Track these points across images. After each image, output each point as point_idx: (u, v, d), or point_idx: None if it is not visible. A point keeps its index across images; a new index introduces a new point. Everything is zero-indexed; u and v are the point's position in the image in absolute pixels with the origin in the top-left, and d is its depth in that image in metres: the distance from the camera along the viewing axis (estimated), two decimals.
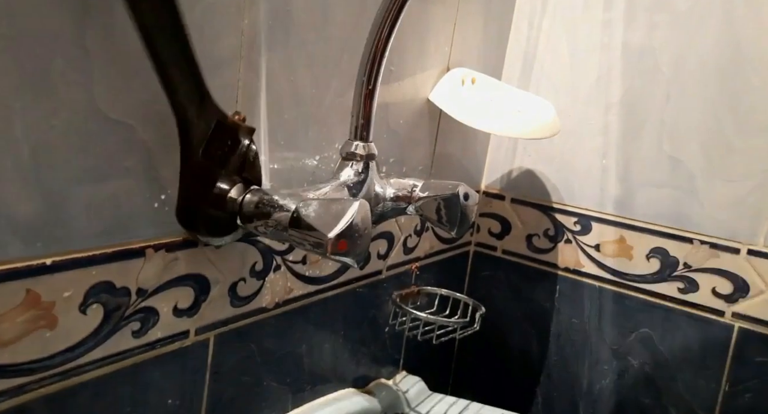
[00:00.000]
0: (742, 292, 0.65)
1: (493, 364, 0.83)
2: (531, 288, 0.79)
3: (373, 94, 0.48)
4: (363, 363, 0.67)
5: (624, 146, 0.71)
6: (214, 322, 0.47)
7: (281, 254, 0.52)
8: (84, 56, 0.35)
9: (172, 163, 0.41)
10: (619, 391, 0.73)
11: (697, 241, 0.67)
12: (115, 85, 0.37)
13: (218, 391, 0.49)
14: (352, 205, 0.39)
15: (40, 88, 0.33)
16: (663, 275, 0.70)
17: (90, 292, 0.38)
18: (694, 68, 0.66)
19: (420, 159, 0.67)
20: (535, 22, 0.76)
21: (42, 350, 0.36)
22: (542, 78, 0.76)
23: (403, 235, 0.68)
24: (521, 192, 0.79)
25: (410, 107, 0.63)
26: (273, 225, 0.41)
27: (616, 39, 0.71)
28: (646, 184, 0.70)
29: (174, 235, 0.42)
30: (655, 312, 0.70)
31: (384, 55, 0.47)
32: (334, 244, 0.38)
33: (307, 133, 0.52)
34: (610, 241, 0.73)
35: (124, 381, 0.42)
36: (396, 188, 0.52)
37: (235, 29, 0.43)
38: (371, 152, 0.48)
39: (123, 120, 0.38)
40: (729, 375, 0.66)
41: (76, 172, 0.36)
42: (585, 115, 0.73)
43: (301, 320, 0.56)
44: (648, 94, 0.69)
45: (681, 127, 0.68)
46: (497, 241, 0.81)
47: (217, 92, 0.43)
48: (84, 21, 0.34)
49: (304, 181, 0.52)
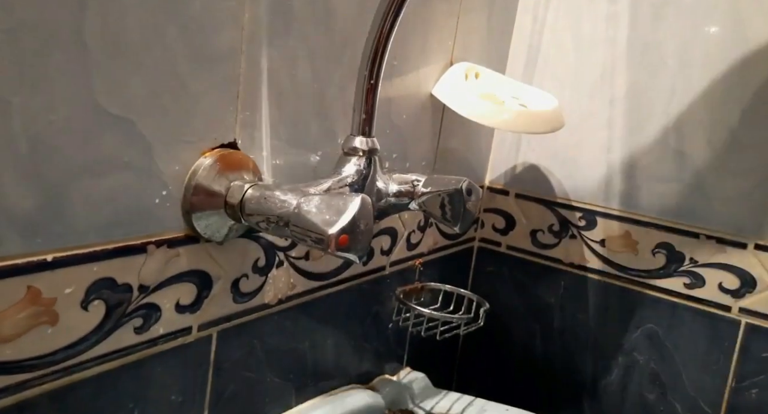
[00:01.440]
0: (750, 287, 0.65)
1: (498, 360, 0.83)
2: (535, 284, 0.79)
3: (375, 88, 0.47)
4: (366, 359, 0.67)
5: (629, 141, 0.71)
6: (217, 319, 0.47)
7: (284, 250, 0.52)
8: (83, 50, 0.35)
9: (173, 157, 0.41)
10: (625, 387, 0.73)
11: (704, 235, 0.67)
12: (115, 79, 0.37)
13: (221, 387, 0.49)
14: (354, 200, 0.39)
15: (39, 82, 0.33)
16: (669, 270, 0.69)
17: (91, 288, 0.38)
18: (699, 61, 0.66)
19: (423, 154, 0.67)
20: (539, 15, 0.75)
21: (44, 346, 0.36)
22: (546, 72, 0.75)
23: (406, 231, 0.68)
24: (525, 187, 0.78)
25: (413, 102, 0.63)
26: (275, 221, 0.41)
27: (621, 32, 0.70)
28: (652, 179, 0.69)
29: (175, 231, 0.42)
30: (661, 307, 0.70)
31: (386, 49, 0.47)
32: (335, 240, 0.38)
33: (309, 128, 0.51)
34: (616, 237, 0.72)
35: (126, 377, 0.41)
36: (398, 183, 0.51)
37: (235, 23, 0.43)
38: (374, 147, 0.48)
39: (123, 115, 0.37)
40: (736, 371, 0.66)
41: (76, 167, 0.36)
42: (590, 110, 0.73)
43: (304, 316, 0.56)
44: (653, 88, 0.69)
45: (687, 121, 0.67)
46: (501, 237, 0.81)
47: (218, 87, 0.43)
48: (83, 15, 0.34)
49: (306, 176, 0.52)
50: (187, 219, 0.43)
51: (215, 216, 0.43)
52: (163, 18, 0.38)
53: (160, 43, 0.38)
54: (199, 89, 0.41)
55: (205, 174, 0.42)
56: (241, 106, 0.45)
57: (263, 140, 0.47)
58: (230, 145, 0.45)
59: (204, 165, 0.42)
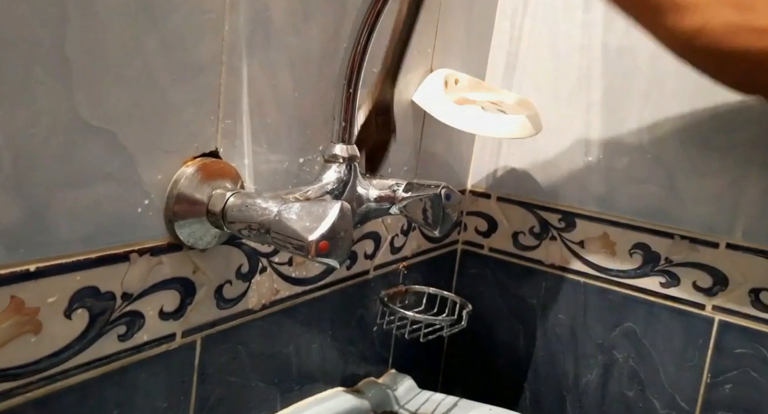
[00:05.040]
0: (722, 285, 0.67)
1: (482, 360, 0.84)
2: (518, 285, 0.80)
3: (354, 96, 0.48)
4: (351, 362, 0.67)
5: (606, 144, 0.72)
6: (201, 325, 0.48)
7: (267, 256, 0.53)
8: (64, 64, 0.35)
9: (154, 167, 0.42)
10: (605, 385, 0.75)
11: (678, 236, 0.69)
12: (96, 91, 0.37)
13: (206, 393, 0.50)
14: (333, 207, 0.40)
15: (20, 96, 0.34)
16: (645, 270, 0.71)
17: (75, 297, 0.38)
18: (671, 67, 0.67)
19: (405, 160, 0.68)
20: (516, 22, 0.77)
21: (27, 355, 0.37)
22: (525, 78, 0.77)
23: (389, 235, 0.69)
24: (507, 190, 0.80)
25: (394, 109, 0.64)
26: (256, 228, 0.41)
27: (596, 39, 0.72)
28: (628, 181, 0.71)
29: (158, 239, 0.43)
30: (638, 306, 0.71)
31: (365, 57, 0.48)
32: (316, 246, 0.39)
33: (291, 135, 0.52)
34: (594, 238, 0.74)
35: (110, 384, 0.42)
36: (379, 189, 0.52)
37: (215, 35, 0.44)
38: (353, 154, 0.49)
39: (104, 126, 0.38)
40: (710, 367, 0.68)
41: (58, 179, 0.36)
42: (567, 114, 0.74)
43: (289, 321, 0.57)
44: (628, 93, 0.70)
45: (660, 125, 0.69)
46: (484, 240, 0.82)
47: (199, 97, 0.43)
48: (64, 29, 0.35)
49: (288, 183, 0.53)
50: (170, 227, 0.43)
51: (198, 224, 0.44)
52: (143, 31, 0.39)
53: (141, 55, 0.39)
54: (180, 99, 0.42)
55: (188, 183, 0.43)
56: (222, 115, 0.46)
57: (245, 148, 0.48)
58: (212, 154, 0.45)
59: (186, 174, 0.43)
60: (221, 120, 0.46)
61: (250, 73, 0.47)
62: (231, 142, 0.47)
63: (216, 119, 0.45)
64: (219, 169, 0.45)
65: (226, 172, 0.46)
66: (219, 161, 0.46)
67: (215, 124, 0.45)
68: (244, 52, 0.46)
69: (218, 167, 0.45)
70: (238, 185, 0.47)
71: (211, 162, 0.45)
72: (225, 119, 0.46)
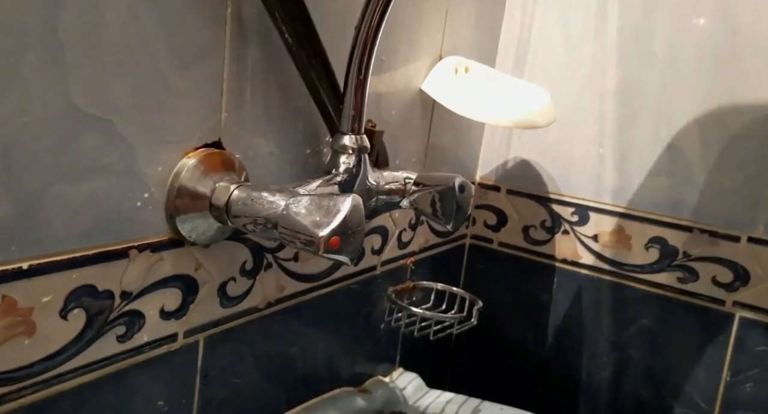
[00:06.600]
0: (743, 280, 0.64)
1: (491, 358, 0.82)
2: (528, 280, 0.78)
3: (364, 84, 0.46)
4: (358, 361, 0.66)
5: (620, 135, 0.70)
6: (204, 324, 0.46)
7: (272, 252, 0.51)
8: (57, 49, 0.33)
9: (154, 159, 0.39)
10: (618, 384, 0.73)
11: (697, 229, 0.66)
12: (92, 78, 0.35)
13: (209, 395, 0.48)
14: (346, 200, 0.38)
15: (11, 83, 0.31)
16: (662, 265, 0.69)
17: (71, 296, 0.36)
18: (690, 55, 0.65)
19: (413, 151, 0.66)
20: (528, 8, 0.74)
21: (21, 358, 0.34)
22: (536, 65, 0.74)
23: (397, 230, 0.66)
24: (517, 183, 0.77)
25: (403, 98, 0.62)
26: (262, 223, 0.39)
27: (611, 25, 0.69)
28: (644, 173, 0.69)
29: (159, 235, 0.41)
30: (655, 302, 0.69)
31: (374, 44, 0.45)
32: (326, 242, 0.36)
33: (297, 125, 0.50)
34: (608, 232, 0.72)
35: (109, 388, 0.40)
36: (389, 181, 0.50)
37: (219, 18, 0.41)
38: (363, 145, 0.47)
39: (101, 115, 0.36)
40: (730, 365, 0.66)
41: (52, 172, 0.34)
42: (580, 104, 0.72)
43: (294, 319, 0.55)
44: (644, 82, 0.68)
45: (678, 115, 0.66)
46: (493, 234, 0.80)
47: (201, 84, 0.41)
48: (56, 11, 0.32)
49: (295, 176, 0.51)
50: (171, 222, 0.41)
51: (200, 218, 0.42)
52: (143, 13, 0.37)
53: (139, 39, 0.37)
54: (182, 87, 0.40)
55: (189, 175, 0.41)
56: (225, 104, 0.43)
57: (249, 139, 0.46)
58: (214, 145, 0.43)
59: (188, 166, 0.41)
60: (224, 109, 0.43)
61: (254, 59, 0.44)
62: (234, 132, 0.44)
63: (219, 108, 0.43)
64: (222, 160, 0.43)
65: (230, 164, 0.44)
66: (222, 152, 0.43)
67: (218, 113, 0.43)
68: (248, 36, 0.44)
69: (221, 158, 0.43)
70: (243, 177, 0.44)
71: (213, 153, 0.42)
72: (228, 108, 0.44)
